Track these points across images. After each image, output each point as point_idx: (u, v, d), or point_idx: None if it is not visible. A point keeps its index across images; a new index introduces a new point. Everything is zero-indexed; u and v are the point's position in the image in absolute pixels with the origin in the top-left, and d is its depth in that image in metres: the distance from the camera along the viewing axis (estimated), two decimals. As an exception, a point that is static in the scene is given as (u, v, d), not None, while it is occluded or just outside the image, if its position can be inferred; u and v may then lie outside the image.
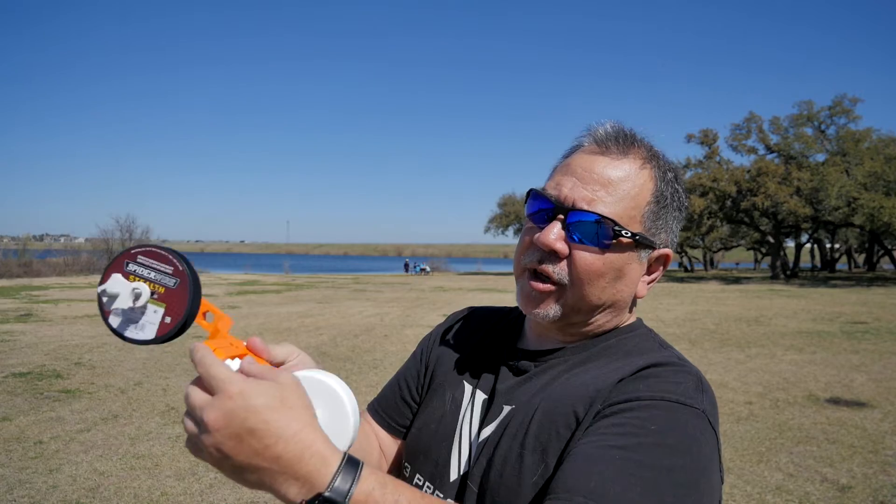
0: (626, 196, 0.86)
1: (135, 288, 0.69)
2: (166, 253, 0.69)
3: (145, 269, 0.70)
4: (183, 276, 0.69)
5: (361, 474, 0.59)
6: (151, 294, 0.69)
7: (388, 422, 1.08)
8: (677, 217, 0.93)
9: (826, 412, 6.09)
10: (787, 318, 14.28)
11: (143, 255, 0.70)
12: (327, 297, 20.42)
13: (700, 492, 0.71)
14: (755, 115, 37.09)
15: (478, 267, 61.85)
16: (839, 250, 54.11)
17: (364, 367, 8.46)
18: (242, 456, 0.59)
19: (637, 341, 0.92)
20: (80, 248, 46.96)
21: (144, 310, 0.69)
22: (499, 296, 21.92)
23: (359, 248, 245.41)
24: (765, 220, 37.51)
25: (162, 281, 0.69)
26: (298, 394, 0.62)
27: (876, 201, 28.59)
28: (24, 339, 10.65)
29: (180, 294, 0.69)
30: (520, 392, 0.91)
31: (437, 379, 1.05)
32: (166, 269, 0.69)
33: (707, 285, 28.80)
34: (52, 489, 4.16)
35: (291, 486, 0.59)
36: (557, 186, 0.88)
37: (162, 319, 0.69)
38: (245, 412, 0.58)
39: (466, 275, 46.32)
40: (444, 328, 1.15)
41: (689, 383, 0.80)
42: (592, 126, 0.92)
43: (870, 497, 4.04)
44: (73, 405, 6.30)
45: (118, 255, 0.71)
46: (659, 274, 0.94)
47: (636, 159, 0.89)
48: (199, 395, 0.61)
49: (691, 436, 0.74)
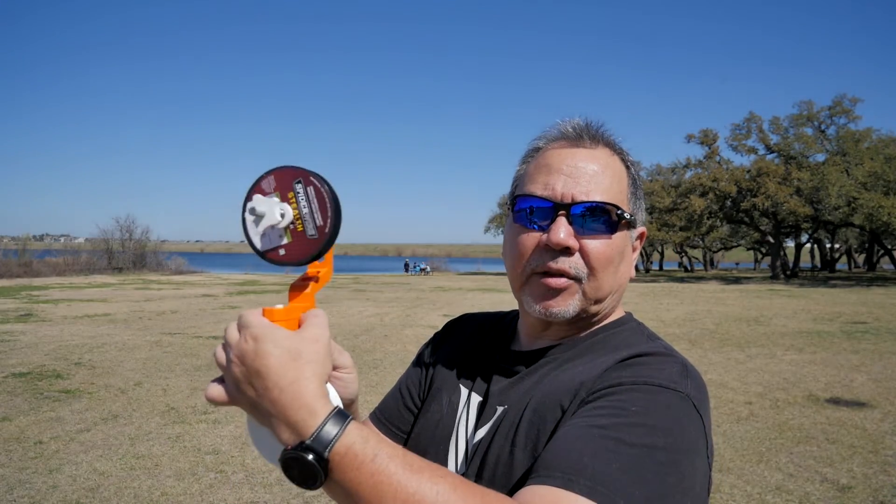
0: (613, 182, 0.90)
1: (281, 208, 0.68)
2: (330, 207, 0.67)
3: (305, 201, 0.68)
4: (323, 236, 0.68)
5: (346, 428, 0.62)
6: (291, 224, 0.68)
7: (391, 429, 1.09)
8: (643, 197, 0.99)
9: (826, 412, 6.09)
10: (787, 318, 14.28)
11: (316, 187, 0.68)
12: (327, 297, 20.41)
13: (682, 473, 0.70)
14: (755, 115, 37.13)
15: (478, 267, 61.87)
16: (839, 250, 54.11)
17: (364, 367, 8.46)
18: (251, 393, 0.65)
19: (626, 335, 0.93)
20: (80, 248, 46.87)
21: (274, 227, 0.69)
22: (499, 296, 21.92)
23: (359, 248, 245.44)
24: (765, 220, 37.51)
25: (306, 221, 0.68)
26: (313, 349, 0.66)
27: (875, 201, 28.60)
28: (24, 339, 10.65)
29: (308, 247, 0.68)
30: (512, 392, 0.92)
31: (435, 384, 1.07)
32: (318, 218, 0.68)
33: (707, 285, 28.80)
34: (52, 489, 4.16)
35: (284, 431, 0.64)
36: (548, 187, 0.89)
37: (278, 246, 0.69)
38: (255, 355, 0.64)
39: (466, 275, 46.33)
40: (441, 336, 1.17)
41: (673, 369, 0.80)
42: (560, 122, 0.95)
43: (870, 497, 4.04)
44: (73, 405, 6.30)
45: (294, 168, 0.69)
46: (638, 251, 0.98)
47: (606, 147, 0.92)
48: (232, 331, 0.68)
49: (674, 417, 0.74)
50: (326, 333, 0.68)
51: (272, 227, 0.68)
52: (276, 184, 0.69)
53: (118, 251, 41.58)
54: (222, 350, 0.68)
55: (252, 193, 0.69)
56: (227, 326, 0.68)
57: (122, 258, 41.16)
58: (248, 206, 0.69)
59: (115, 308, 16.19)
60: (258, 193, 0.69)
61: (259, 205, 0.68)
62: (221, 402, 0.68)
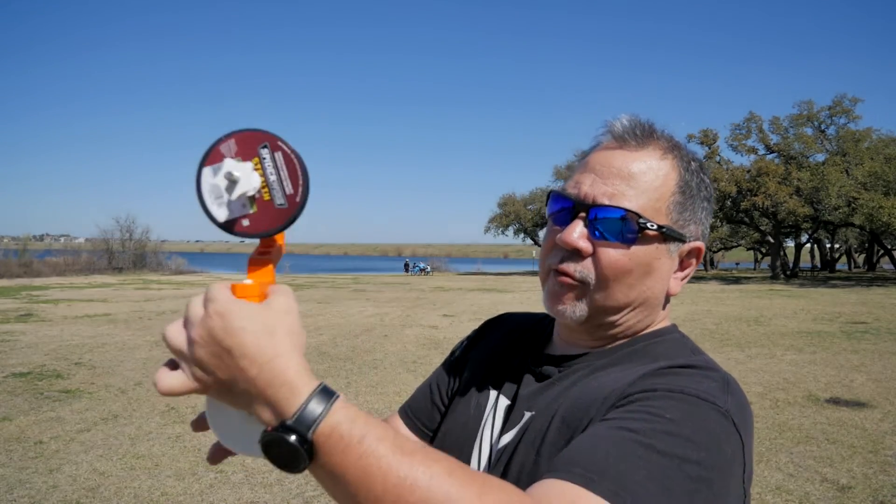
0: (649, 188, 0.83)
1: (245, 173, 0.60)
2: (300, 175, 0.60)
3: (272, 167, 0.61)
4: (294, 205, 0.60)
5: (332, 407, 0.57)
6: (256, 192, 0.61)
7: (418, 425, 1.07)
8: (706, 208, 0.89)
9: (826, 412, 6.09)
10: (787, 318, 14.28)
11: (285, 152, 0.60)
12: (327, 297, 20.41)
13: (713, 493, 0.65)
14: (755, 114, 37.10)
15: (478, 267, 61.88)
16: (839, 250, 54.13)
17: (364, 367, 8.46)
18: (223, 373, 0.58)
19: (666, 346, 0.88)
20: (80, 248, 46.97)
21: (236, 197, 0.61)
22: (499, 296, 21.92)
23: (359, 248, 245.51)
24: (765, 220, 37.49)
25: (274, 190, 0.61)
26: (287, 321, 0.60)
27: (875, 201, 28.59)
28: (24, 339, 10.64)
29: (276, 217, 0.61)
30: (541, 398, 0.89)
31: (464, 384, 1.04)
32: (288, 186, 0.60)
33: (707, 285, 28.80)
34: (52, 489, 4.16)
35: (265, 411, 0.58)
36: (577, 185, 0.86)
37: (241, 216, 0.61)
38: (223, 332, 0.57)
39: (466, 275, 46.32)
40: (476, 333, 1.13)
41: (713, 383, 0.75)
42: (609, 121, 0.89)
43: (870, 497, 4.04)
44: (73, 405, 6.30)
45: (259, 130, 0.61)
46: (692, 269, 0.89)
47: (656, 150, 0.86)
48: (195, 308, 0.60)
49: (711, 431, 0.68)
50: (296, 304, 0.63)
51: (240, 196, 0.60)
52: (238, 148, 0.61)
53: (118, 251, 41.62)
54: (179, 329, 0.60)
55: (207, 160, 0.61)
56: (189, 302, 0.61)
57: (122, 258, 41.19)
58: (218, 170, 0.60)
59: (115, 308, 16.19)
60: (215, 161, 0.61)
61: (235, 168, 0.60)
62: (182, 390, 0.59)
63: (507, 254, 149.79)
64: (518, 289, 26.28)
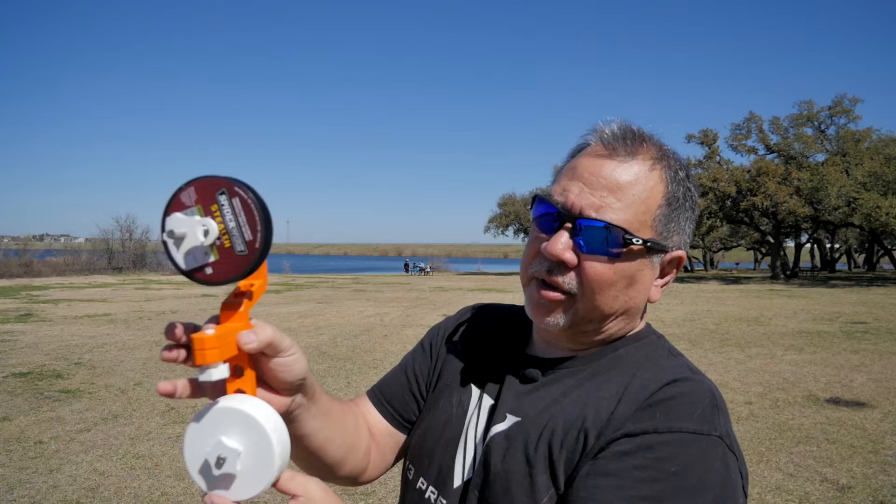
0: (636, 200, 0.83)
1: (204, 224, 0.61)
2: (259, 219, 0.60)
3: (231, 214, 0.61)
4: (253, 252, 0.61)
5: None
6: (216, 240, 0.61)
7: (392, 414, 1.06)
8: (690, 217, 0.89)
9: (826, 412, 6.10)
10: (787, 318, 14.28)
11: (242, 198, 0.61)
12: (327, 297, 20.42)
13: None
14: (755, 114, 37.09)
15: (478, 267, 61.84)
16: (839, 250, 54.10)
17: (364, 367, 8.46)
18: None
19: (647, 351, 0.90)
20: (80, 248, 47.04)
21: (187, 251, 0.62)
22: (499, 296, 21.92)
23: (359, 248, 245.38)
24: (765, 220, 37.48)
25: (234, 237, 0.61)
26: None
27: (874, 201, 28.60)
28: (25, 339, 10.65)
29: (237, 264, 0.61)
30: (527, 402, 0.89)
31: (443, 379, 1.04)
32: (247, 232, 0.61)
33: (707, 285, 28.80)
34: (52, 489, 4.16)
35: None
36: (564, 192, 0.85)
37: (204, 265, 0.62)
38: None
39: (466, 275, 46.33)
40: (452, 325, 1.12)
41: (703, 402, 0.79)
42: (599, 126, 0.88)
43: (870, 497, 4.05)
44: (73, 405, 6.31)
45: (216, 177, 0.61)
46: (672, 276, 0.91)
47: (645, 160, 0.85)
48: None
49: (713, 469, 0.74)
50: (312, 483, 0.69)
51: (196, 247, 0.61)
52: (198, 196, 0.62)
53: (118, 251, 41.64)
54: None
55: (170, 209, 0.62)
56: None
57: (122, 258, 41.20)
58: (165, 228, 0.61)
59: (115, 308, 16.20)
60: (177, 210, 0.62)
61: (177, 226, 0.61)
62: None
63: (507, 254, 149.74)
64: (518, 289, 25.97)
